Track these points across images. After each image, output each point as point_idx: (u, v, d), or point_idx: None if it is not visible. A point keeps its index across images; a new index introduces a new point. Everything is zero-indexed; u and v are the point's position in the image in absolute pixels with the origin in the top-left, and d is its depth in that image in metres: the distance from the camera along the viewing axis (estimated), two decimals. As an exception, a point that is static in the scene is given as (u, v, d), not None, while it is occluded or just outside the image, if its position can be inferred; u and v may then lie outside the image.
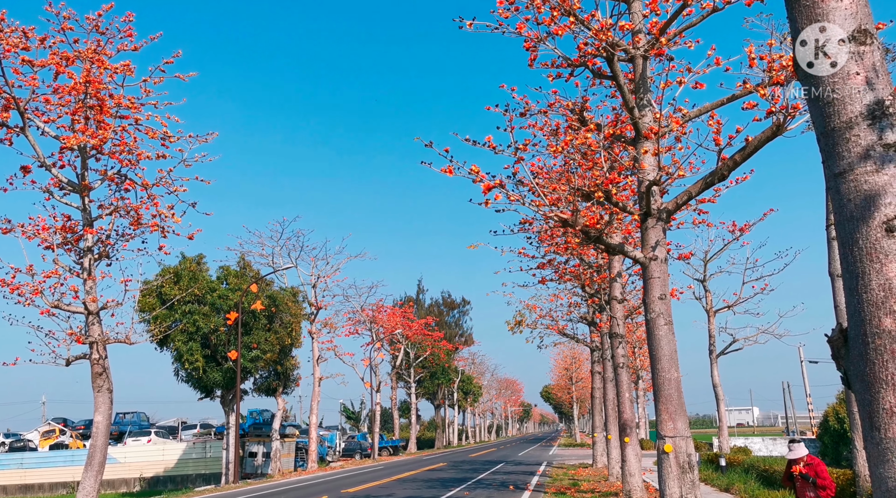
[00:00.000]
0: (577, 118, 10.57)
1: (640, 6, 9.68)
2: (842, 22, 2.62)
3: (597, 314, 21.39)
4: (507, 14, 9.54)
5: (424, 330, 50.31)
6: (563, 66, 9.91)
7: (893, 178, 2.48)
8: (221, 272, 33.21)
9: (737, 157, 8.17)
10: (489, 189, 8.52)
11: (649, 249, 8.56)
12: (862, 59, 2.59)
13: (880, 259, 2.45)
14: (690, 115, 9.46)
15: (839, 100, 2.58)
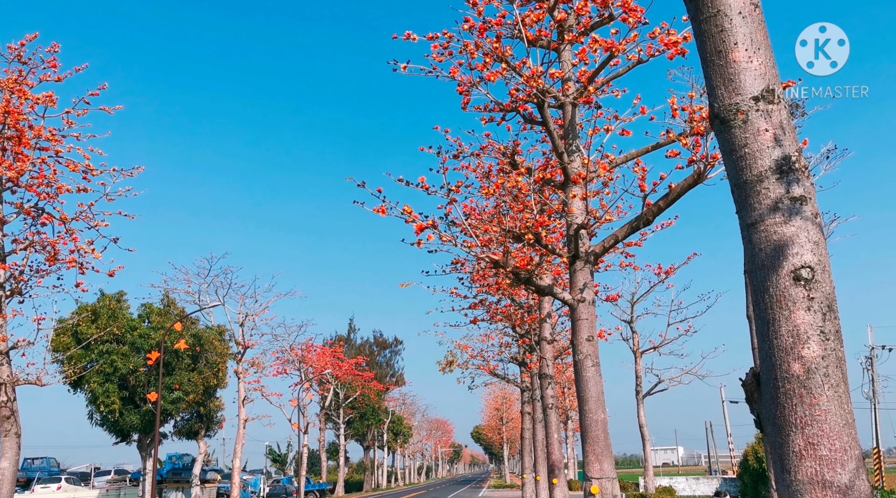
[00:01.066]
0: (508, 162, 10.79)
1: (569, 55, 10.02)
2: (751, 82, 2.79)
3: (527, 354, 21.57)
4: (440, 58, 9.73)
5: (355, 370, 49.62)
6: (495, 111, 10.14)
7: (800, 229, 2.62)
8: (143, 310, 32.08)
9: (661, 203, 8.47)
10: (421, 229, 8.56)
11: (577, 290, 8.73)
12: (770, 117, 2.75)
13: (789, 306, 2.57)
14: (617, 161, 9.78)
15: (750, 154, 2.73)
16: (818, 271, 2.58)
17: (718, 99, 2.87)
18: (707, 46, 2.94)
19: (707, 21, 2.93)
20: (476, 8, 9.70)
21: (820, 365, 2.50)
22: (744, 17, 2.87)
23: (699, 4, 2.96)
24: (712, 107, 2.92)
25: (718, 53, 2.89)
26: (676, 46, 9.17)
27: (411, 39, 9.27)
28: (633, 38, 9.40)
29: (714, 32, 2.90)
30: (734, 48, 2.84)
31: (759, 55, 2.84)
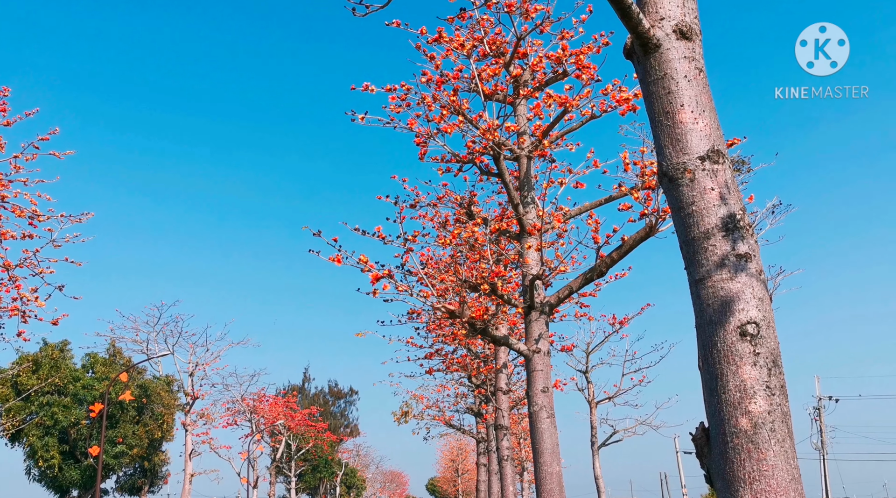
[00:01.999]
0: (465, 212, 10.90)
1: (524, 109, 10.26)
2: (697, 142, 2.89)
3: (483, 405, 21.42)
4: (398, 109, 9.87)
5: (308, 421, 48.49)
6: (452, 162, 10.28)
7: (745, 286, 2.69)
8: (88, 360, 31.03)
9: (614, 255, 8.62)
10: (377, 279, 8.53)
11: (533, 341, 8.75)
12: (716, 176, 2.85)
13: (736, 362, 2.62)
14: (571, 213, 9.95)
15: (697, 212, 2.81)
16: (763, 327, 2.65)
17: (667, 158, 2.96)
18: (655, 107, 3.05)
19: (655, 83, 3.04)
20: (434, 62, 9.91)
21: (766, 420, 2.54)
22: (689, 80, 2.99)
23: (647, 68, 3.08)
24: (661, 165, 3.01)
25: (666, 114, 2.99)
26: (628, 103, 9.48)
27: (369, 91, 9.40)
28: (586, 94, 9.69)
29: (662, 94, 3.01)
30: (681, 110, 2.95)
31: (705, 117, 2.96)
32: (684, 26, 3.06)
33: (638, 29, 3.01)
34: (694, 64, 3.04)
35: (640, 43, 3.06)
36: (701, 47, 3.13)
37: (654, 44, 3.04)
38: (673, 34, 3.06)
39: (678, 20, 3.08)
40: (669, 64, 3.01)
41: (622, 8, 2.94)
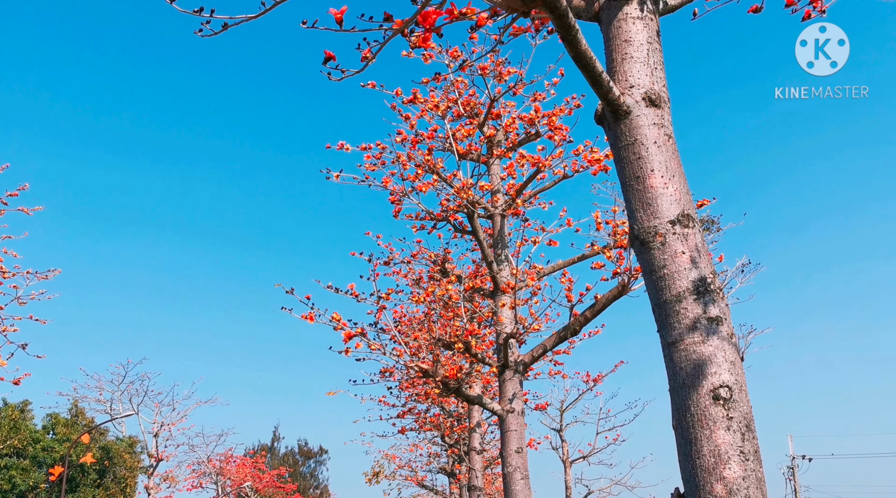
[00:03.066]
0: (439, 269, 10.91)
1: (498, 169, 10.41)
2: (668, 206, 2.95)
3: (456, 465, 21.03)
4: (373, 168, 9.97)
5: (276, 482, 47.09)
6: (426, 219, 10.35)
7: (717, 349, 2.71)
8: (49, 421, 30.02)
9: (587, 314, 8.64)
10: (350, 337, 8.44)
11: (506, 401, 8.67)
12: (687, 240, 2.89)
13: (710, 426, 2.62)
14: (545, 271, 10.01)
15: (669, 275, 2.85)
16: (736, 391, 2.66)
17: (638, 221, 3.01)
18: (626, 171, 3.11)
19: (626, 148, 3.11)
20: (409, 121, 10.06)
21: (741, 486, 2.53)
22: (659, 146, 3.07)
23: (618, 133, 3.15)
24: (632, 228, 3.06)
25: (637, 179, 3.05)
26: (599, 163, 9.67)
27: (345, 149, 9.48)
28: (558, 154, 9.87)
29: (632, 159, 3.08)
30: (651, 174, 3.01)
31: (674, 182, 3.02)
32: (653, 94, 3.16)
33: (608, 96, 3.10)
34: (663, 130, 3.12)
35: (611, 109, 3.15)
36: (670, 114, 3.22)
37: (625, 110, 3.12)
38: (642, 101, 3.15)
39: (647, 88, 3.18)
40: (639, 130, 3.09)
41: (593, 76, 3.02)
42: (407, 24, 3.11)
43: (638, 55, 3.24)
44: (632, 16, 3.32)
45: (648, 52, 3.27)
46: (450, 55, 9.94)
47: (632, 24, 3.30)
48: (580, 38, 2.90)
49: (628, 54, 3.26)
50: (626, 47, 3.27)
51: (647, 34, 3.30)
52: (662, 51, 3.39)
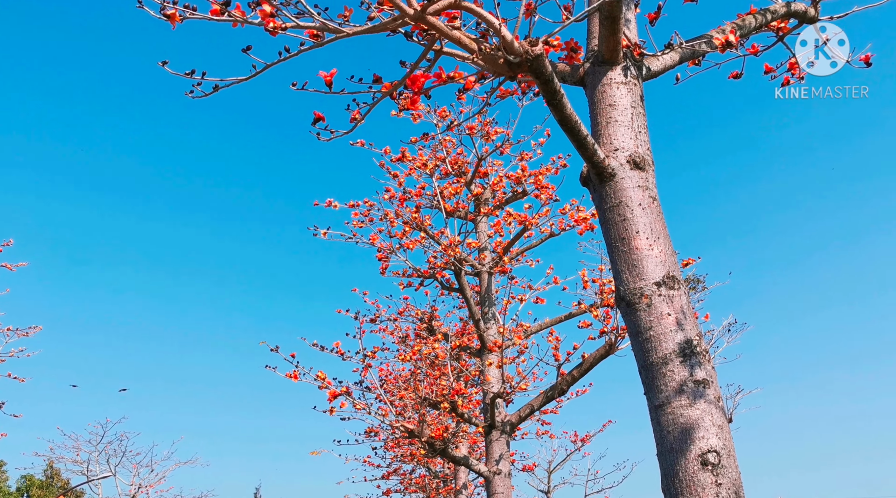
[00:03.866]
0: (425, 327, 10.85)
1: (485, 227, 10.47)
2: (653, 268, 2.96)
3: (442, 528, 20.47)
4: (361, 225, 10.01)
5: (256, 546, 45.61)
6: (413, 276, 10.33)
7: (705, 413, 2.69)
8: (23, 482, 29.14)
9: (575, 373, 8.57)
10: (335, 396, 8.32)
11: (493, 462, 8.51)
12: (672, 302, 2.90)
13: (699, 493, 2.57)
14: (532, 329, 9.97)
15: (655, 337, 2.84)
16: (724, 456, 2.62)
17: (624, 282, 3.02)
18: (612, 233, 3.14)
19: (611, 210, 3.14)
20: (397, 179, 10.15)
21: (732, 555, 2.47)
22: (644, 208, 3.10)
23: (603, 195, 3.19)
24: (618, 289, 3.06)
25: (622, 240, 3.07)
26: (585, 222, 9.75)
27: (332, 207, 9.53)
28: (545, 213, 9.96)
29: (618, 221, 3.11)
30: (636, 236, 3.04)
31: (660, 243, 3.04)
32: (637, 157, 3.21)
33: (594, 159, 3.14)
34: (648, 193, 3.16)
35: (596, 172, 3.19)
36: (654, 177, 3.27)
37: (610, 173, 3.16)
38: (627, 164, 3.19)
39: (632, 151, 3.23)
40: (624, 192, 3.13)
41: (578, 139, 3.07)
42: (395, 87, 3.16)
43: (622, 119, 3.30)
44: (616, 81, 3.40)
45: (633, 116, 3.33)
46: (438, 115, 10.11)
47: (616, 89, 3.38)
48: (565, 103, 2.96)
49: (613, 118, 3.32)
50: (610, 111, 3.34)
51: (631, 99, 3.38)
52: (646, 115, 3.47)
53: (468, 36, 2.85)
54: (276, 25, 2.46)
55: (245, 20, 2.58)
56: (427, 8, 2.45)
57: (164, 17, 2.46)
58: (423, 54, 3.07)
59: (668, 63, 3.66)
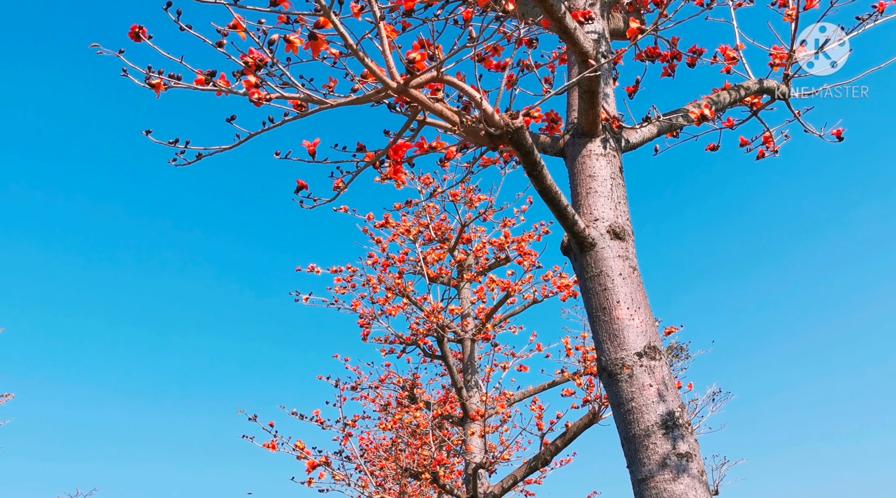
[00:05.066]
0: (407, 395, 10.69)
1: (468, 293, 10.46)
2: (634, 338, 2.95)
3: None
4: (343, 290, 9.97)
5: None
6: (395, 343, 10.25)
7: (689, 487, 2.63)
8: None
9: (558, 443, 8.43)
10: (314, 467, 8.11)
11: (476, 536, 8.28)
12: (654, 373, 2.88)
13: (684, 572, 2.50)
14: (515, 398, 9.85)
15: (637, 408, 2.81)
16: (709, 533, 2.56)
17: (605, 352, 3.00)
18: (593, 302, 3.14)
19: (592, 280, 3.15)
20: (380, 245, 10.18)
21: None
22: (624, 278, 3.11)
23: (584, 264, 3.20)
24: (600, 360, 3.04)
25: (603, 310, 3.07)
26: (568, 289, 9.77)
27: (315, 272, 9.50)
28: (528, 279, 9.99)
29: (598, 290, 3.11)
30: (617, 306, 3.04)
31: (640, 313, 3.04)
32: (617, 227, 3.24)
33: (574, 228, 3.17)
34: (628, 262, 3.18)
35: (577, 241, 3.21)
36: (634, 247, 3.30)
37: (590, 242, 3.19)
38: (607, 234, 3.22)
39: (611, 221, 3.27)
40: (605, 262, 3.15)
41: (559, 209, 3.11)
42: (378, 157, 3.20)
43: (602, 190, 3.35)
44: (595, 153, 3.46)
45: (612, 186, 3.38)
46: (422, 181, 10.23)
47: (595, 161, 3.44)
48: (546, 174, 3.00)
49: (592, 189, 3.37)
50: (590, 182, 3.39)
51: (610, 170, 3.43)
52: (626, 186, 3.52)
53: (450, 108, 2.90)
54: (260, 96, 2.50)
55: (230, 90, 2.62)
56: (410, 82, 2.50)
57: (148, 86, 2.49)
58: (407, 125, 3.12)
59: (646, 135, 3.74)
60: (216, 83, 2.58)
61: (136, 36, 2.25)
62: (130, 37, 2.25)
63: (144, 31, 2.26)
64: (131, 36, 2.24)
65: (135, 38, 2.25)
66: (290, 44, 2.51)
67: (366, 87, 2.99)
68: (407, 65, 2.53)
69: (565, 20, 3.16)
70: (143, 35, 2.26)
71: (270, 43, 2.47)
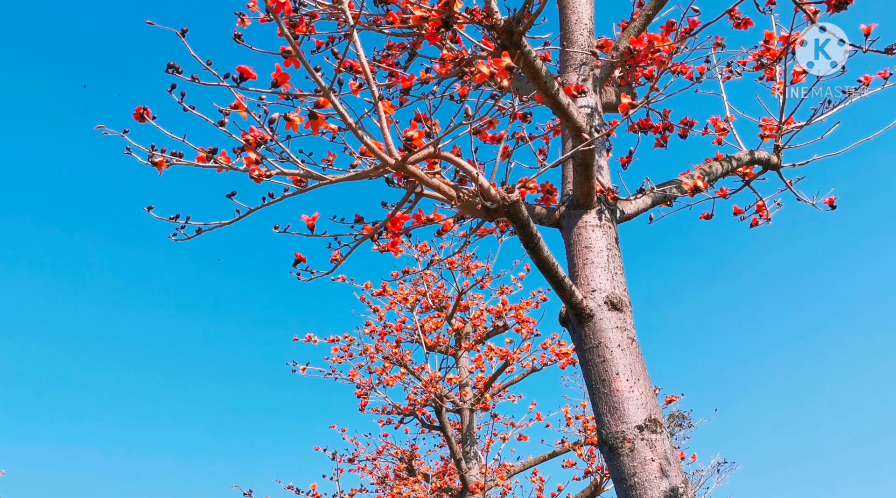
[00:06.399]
0: (405, 467, 10.48)
1: (466, 362, 10.37)
2: (634, 411, 2.92)
3: None
4: (340, 360, 9.89)
5: None
6: (393, 413, 10.10)
7: (696, 568, 2.56)
8: None
9: (560, 516, 8.23)
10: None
11: None
12: (655, 447, 2.84)
13: None
14: (515, 469, 9.65)
15: (640, 484, 2.76)
16: None
17: (606, 426, 2.97)
18: (592, 374, 3.11)
19: (590, 351, 3.14)
20: (378, 313, 10.15)
21: None
22: (623, 349, 3.10)
23: (582, 336, 3.20)
24: (600, 433, 3.00)
25: (603, 382, 3.05)
26: (567, 357, 9.70)
27: (312, 342, 9.44)
28: (526, 347, 9.93)
29: (597, 362, 3.10)
30: (616, 378, 3.02)
31: (640, 385, 3.02)
32: (615, 298, 3.25)
33: (572, 300, 3.18)
34: (626, 334, 3.17)
35: (574, 312, 3.21)
36: (632, 318, 3.30)
37: (588, 314, 3.19)
38: (605, 305, 3.23)
39: (609, 292, 3.28)
40: (603, 333, 3.14)
41: (556, 280, 3.12)
42: (376, 230, 3.23)
43: (598, 261, 3.37)
44: (591, 224, 3.50)
45: (608, 257, 3.41)
46: (419, 249, 10.28)
47: (591, 232, 3.47)
48: (542, 246, 3.02)
49: (589, 260, 3.39)
50: (586, 253, 3.42)
51: (606, 241, 3.47)
52: (622, 256, 3.55)
53: (447, 182, 2.95)
54: (260, 173, 2.54)
55: (230, 166, 2.67)
56: (408, 158, 2.55)
57: (151, 164, 2.53)
58: (405, 199, 3.16)
59: (640, 206, 3.79)
60: (217, 160, 2.63)
61: (140, 117, 2.31)
62: (135, 117, 2.31)
63: (149, 112, 2.32)
64: (136, 117, 2.29)
65: (139, 118, 2.31)
66: (290, 122, 2.57)
67: (364, 162, 3.04)
68: (405, 142, 2.59)
69: (559, 96, 3.24)
70: (147, 116, 2.31)
71: (271, 121, 2.53)
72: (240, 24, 3.41)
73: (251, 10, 3.48)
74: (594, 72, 3.95)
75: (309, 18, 3.58)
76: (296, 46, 2.19)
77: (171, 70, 2.16)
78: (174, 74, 2.19)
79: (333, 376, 9.62)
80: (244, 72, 2.29)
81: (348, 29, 2.45)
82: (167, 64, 2.14)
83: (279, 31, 2.77)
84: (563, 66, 4.04)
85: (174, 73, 2.18)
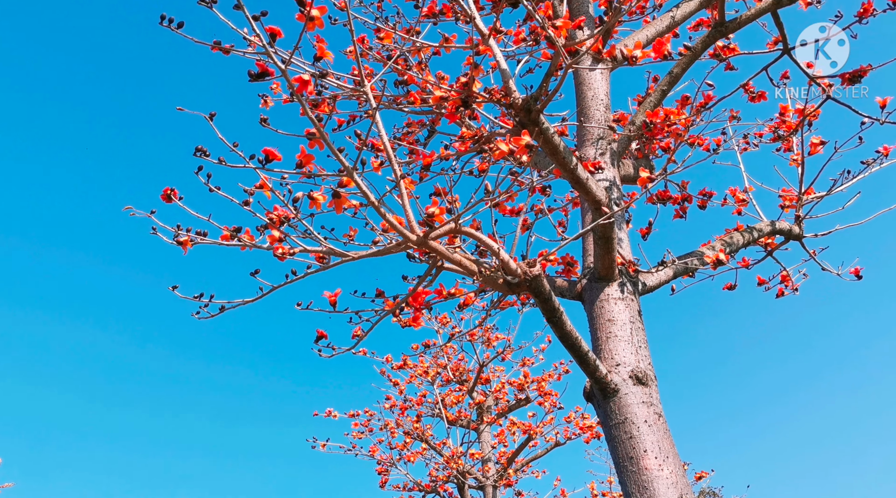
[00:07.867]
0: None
1: (488, 436, 10.17)
2: (665, 491, 2.83)
3: None
4: (360, 435, 9.74)
5: None
6: (414, 490, 9.87)
7: None
8: None
9: None
10: None
11: None
12: (688, 529, 2.73)
13: None
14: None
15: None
16: None
17: (636, 507, 2.87)
18: (619, 451, 3.03)
19: (616, 427, 3.07)
20: (398, 387, 10.05)
21: None
22: (650, 425, 3.03)
23: (607, 411, 3.13)
24: (631, 516, 2.90)
25: (630, 459, 2.97)
26: (591, 430, 9.49)
27: (332, 417, 9.34)
28: (549, 421, 9.74)
29: (624, 439, 3.02)
30: (644, 455, 2.93)
31: (669, 463, 2.93)
32: (640, 372, 3.19)
33: (596, 374, 3.13)
34: (653, 408, 3.10)
35: (599, 387, 3.16)
36: (657, 392, 3.23)
37: (613, 388, 3.13)
38: (630, 380, 3.17)
39: (633, 366, 3.22)
40: (629, 408, 3.07)
41: (580, 355, 3.08)
42: (398, 305, 3.23)
43: (622, 334, 3.34)
44: (613, 297, 3.47)
45: (632, 331, 3.37)
46: (439, 321, 10.23)
47: (614, 305, 3.45)
48: (565, 320, 3.00)
49: (612, 333, 3.35)
50: (609, 326, 3.38)
51: (629, 314, 3.43)
52: (645, 329, 3.50)
53: (468, 257, 2.96)
54: (284, 251, 2.57)
55: (253, 245, 2.70)
56: (429, 234, 2.57)
57: (176, 243, 2.57)
58: (426, 273, 3.17)
59: (662, 279, 3.77)
60: (241, 238, 2.67)
61: (167, 197, 2.36)
62: (162, 198, 2.36)
63: (175, 193, 2.38)
64: (163, 197, 2.35)
65: (166, 199, 2.36)
66: (313, 200, 2.61)
67: (386, 238, 3.07)
68: (426, 218, 2.62)
69: (577, 171, 3.27)
70: (174, 197, 2.37)
71: (295, 200, 2.58)
72: (263, 104, 3.51)
73: (274, 92, 3.59)
74: (611, 145, 4.00)
75: (331, 99, 3.68)
76: (320, 129, 2.25)
77: (199, 153, 2.23)
78: (201, 157, 2.25)
79: (354, 452, 9.46)
80: (270, 154, 2.35)
81: (370, 109, 2.51)
82: (195, 148, 2.20)
83: (301, 111, 2.85)
84: (580, 141, 4.10)
85: (202, 156, 2.24)
